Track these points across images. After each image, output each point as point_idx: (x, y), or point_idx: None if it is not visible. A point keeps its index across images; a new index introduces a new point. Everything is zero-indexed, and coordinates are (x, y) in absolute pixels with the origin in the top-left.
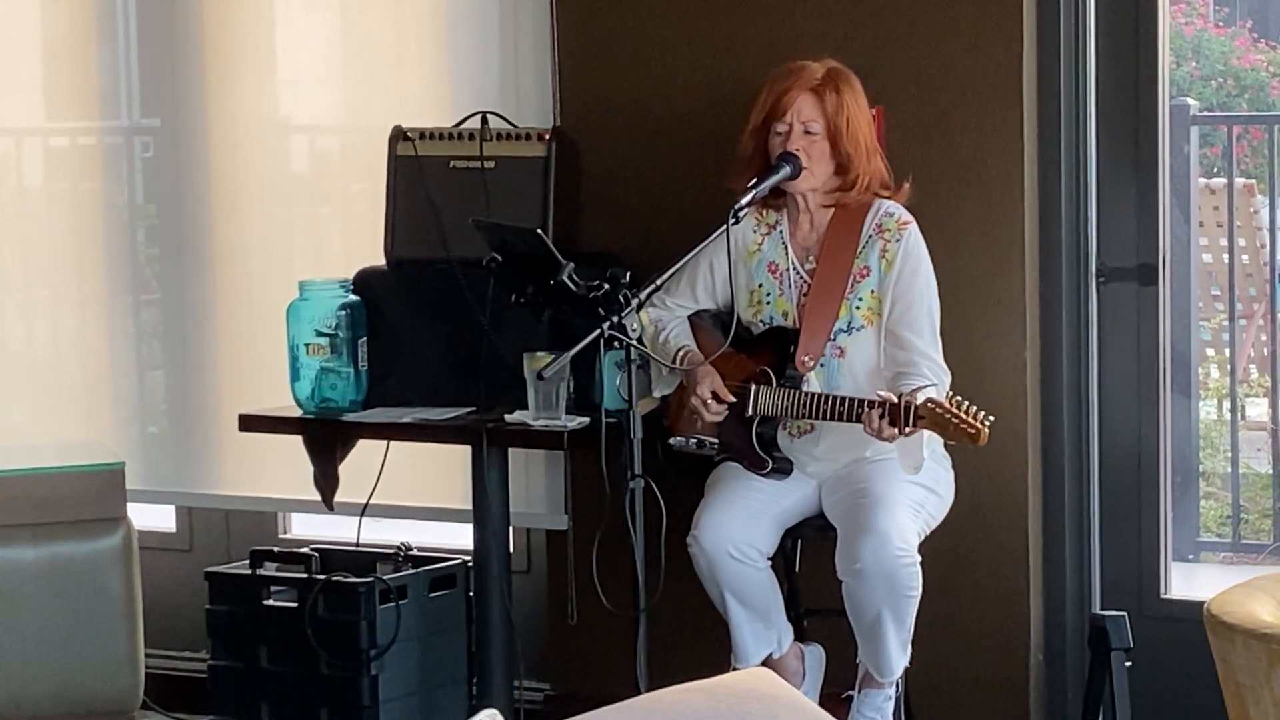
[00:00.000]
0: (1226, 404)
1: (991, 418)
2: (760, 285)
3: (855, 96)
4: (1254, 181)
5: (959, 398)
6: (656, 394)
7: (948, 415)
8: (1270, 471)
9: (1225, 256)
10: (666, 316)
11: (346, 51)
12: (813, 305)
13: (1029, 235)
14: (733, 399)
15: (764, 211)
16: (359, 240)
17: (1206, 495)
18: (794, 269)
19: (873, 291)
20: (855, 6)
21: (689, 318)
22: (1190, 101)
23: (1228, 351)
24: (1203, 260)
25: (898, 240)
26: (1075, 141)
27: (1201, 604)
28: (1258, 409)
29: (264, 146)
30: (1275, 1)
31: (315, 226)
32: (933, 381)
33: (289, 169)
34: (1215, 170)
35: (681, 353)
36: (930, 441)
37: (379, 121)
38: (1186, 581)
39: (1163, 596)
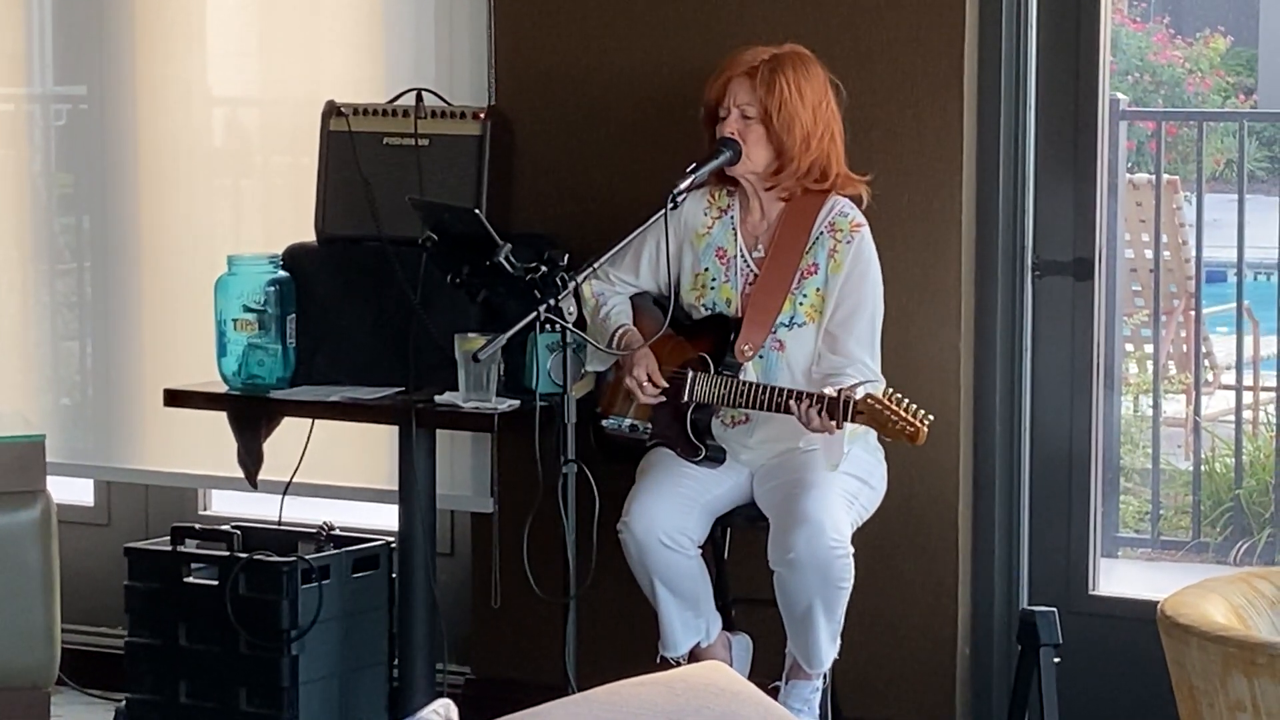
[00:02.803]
0: (1144, 400)
1: (931, 416)
2: (706, 269)
3: (800, 81)
4: (1177, 178)
5: (899, 395)
6: (589, 369)
7: (887, 411)
8: (1189, 468)
9: (1148, 253)
10: (608, 291)
11: (280, 24)
12: (757, 296)
13: (966, 227)
14: (665, 385)
15: (716, 195)
16: (297, 214)
17: (1125, 491)
18: (742, 256)
19: (818, 289)
20: None
21: (631, 298)
22: (1120, 96)
23: (1147, 348)
24: (1124, 256)
25: (848, 242)
26: (1014, 134)
27: (1129, 600)
28: (1176, 406)
29: (191, 118)
30: None
31: (246, 199)
32: (865, 381)
33: (218, 141)
34: (1130, 165)
35: (620, 331)
36: (865, 434)
37: (312, 95)
38: (1106, 578)
39: (1091, 592)
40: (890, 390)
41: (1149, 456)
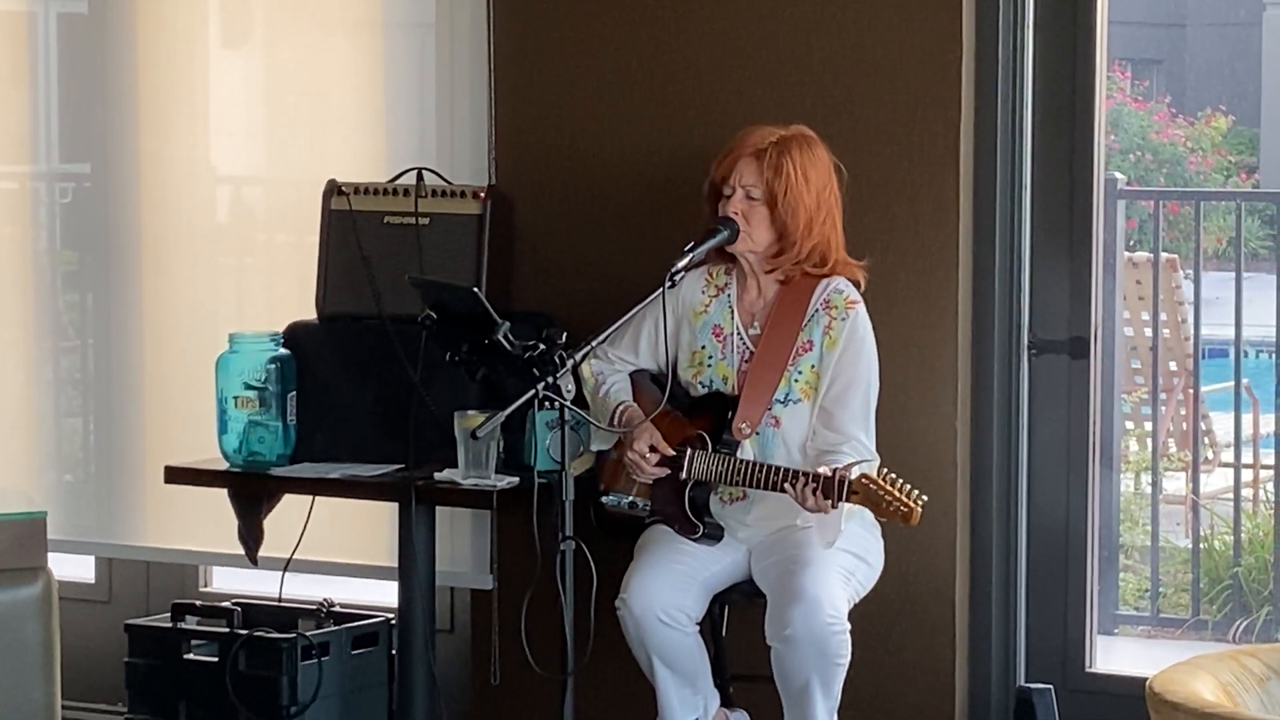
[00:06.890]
0: (1144, 478)
1: (925, 497)
2: (703, 347)
3: (807, 165)
4: (1176, 256)
5: (893, 475)
6: (594, 449)
7: (881, 491)
8: (1189, 545)
9: (1147, 331)
10: (608, 370)
11: (283, 104)
12: (754, 373)
13: (962, 306)
14: (673, 453)
15: (714, 273)
16: (299, 292)
17: (1125, 568)
18: (738, 334)
19: (813, 366)
20: (794, 72)
21: (630, 374)
22: (1118, 175)
23: (1147, 425)
24: (1124, 334)
25: (843, 319)
26: (1010, 213)
27: (1126, 678)
28: (1176, 483)
29: (195, 196)
30: (1193, 78)
31: (249, 277)
32: (860, 460)
33: (221, 219)
34: (1132, 244)
35: (621, 409)
36: (862, 511)
37: (315, 174)
38: (1106, 655)
39: (1087, 670)
40: (885, 470)
41: (1148, 534)
